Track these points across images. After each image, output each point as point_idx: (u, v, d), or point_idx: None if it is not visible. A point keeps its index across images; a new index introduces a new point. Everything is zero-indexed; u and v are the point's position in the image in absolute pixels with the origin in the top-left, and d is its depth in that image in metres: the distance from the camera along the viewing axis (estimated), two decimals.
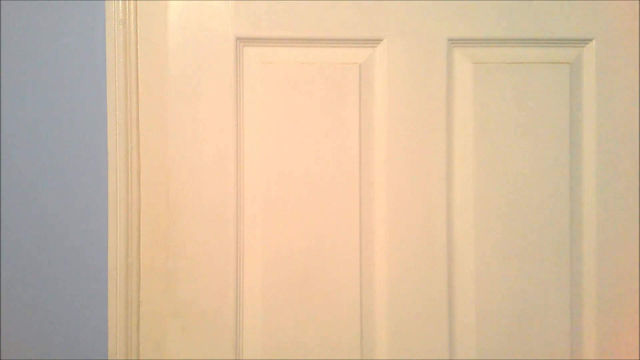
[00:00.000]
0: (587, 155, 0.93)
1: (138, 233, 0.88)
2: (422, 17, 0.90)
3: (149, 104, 0.88)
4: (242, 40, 0.88)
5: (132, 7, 0.87)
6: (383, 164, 0.90)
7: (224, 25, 0.88)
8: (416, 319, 0.90)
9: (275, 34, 0.88)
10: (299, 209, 0.89)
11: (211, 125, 0.88)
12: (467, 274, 0.91)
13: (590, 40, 0.92)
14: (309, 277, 0.89)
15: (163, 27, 0.88)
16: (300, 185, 0.89)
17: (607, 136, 0.93)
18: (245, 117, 0.88)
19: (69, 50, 0.87)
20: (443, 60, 0.91)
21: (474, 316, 0.91)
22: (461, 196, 0.91)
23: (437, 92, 0.91)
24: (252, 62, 0.89)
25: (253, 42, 0.89)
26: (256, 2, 0.88)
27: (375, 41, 0.90)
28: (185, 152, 0.87)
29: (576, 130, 0.92)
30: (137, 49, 0.87)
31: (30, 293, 0.88)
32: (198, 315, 0.88)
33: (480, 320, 0.91)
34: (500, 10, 0.91)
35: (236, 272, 0.88)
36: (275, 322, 0.89)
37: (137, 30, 0.87)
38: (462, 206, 0.91)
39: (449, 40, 0.90)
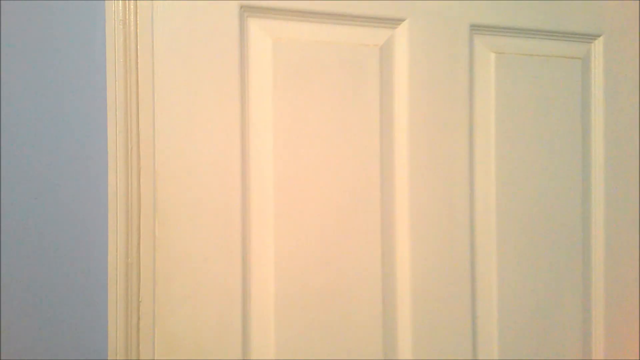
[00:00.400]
0: (595, 155, 0.93)
1: (138, 233, 0.88)
2: None
3: (149, 104, 0.88)
4: (248, 10, 0.77)
5: (132, 7, 0.87)
6: (405, 161, 0.83)
7: None
8: (440, 321, 0.87)
9: (286, 4, 0.77)
10: (313, 210, 0.80)
11: (212, 115, 0.78)
12: (489, 275, 0.89)
13: (599, 36, 0.92)
14: (327, 288, 0.81)
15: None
16: (315, 184, 0.81)
17: (613, 135, 0.92)
18: (252, 106, 0.78)
19: (68, 50, 0.87)
20: (465, 47, 0.85)
21: (496, 319, 0.89)
22: (482, 195, 0.87)
23: (459, 82, 0.85)
24: (259, 38, 0.77)
25: (260, 13, 0.77)
26: None
27: (397, 21, 0.82)
28: (184, 149, 0.80)
29: (586, 126, 0.92)
30: (137, 49, 0.87)
31: (30, 293, 0.88)
32: (199, 348, 0.80)
33: (502, 322, 0.89)
34: None
35: (242, 290, 0.78)
36: (288, 337, 0.80)
37: (137, 30, 0.87)
38: (483, 205, 0.87)
39: (471, 26, 0.86)
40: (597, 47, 0.93)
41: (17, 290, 0.88)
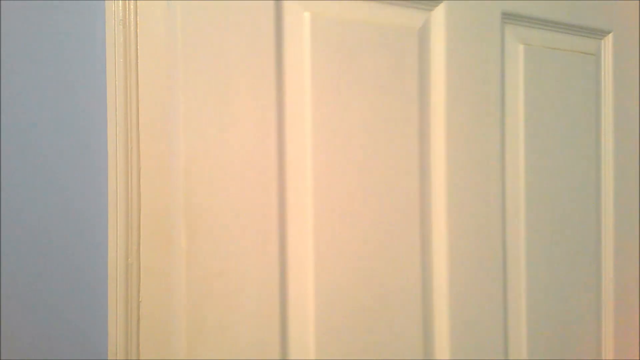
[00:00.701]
0: (605, 152, 0.93)
1: (138, 233, 0.88)
2: None
3: (150, 103, 0.87)
4: None
5: (132, 7, 0.87)
6: (442, 156, 0.79)
7: None
8: (474, 321, 0.84)
9: None
10: (353, 209, 0.74)
11: (246, 106, 0.68)
12: (519, 276, 0.88)
13: (609, 32, 0.92)
14: (367, 291, 0.75)
15: None
16: (355, 182, 0.74)
17: (621, 132, 0.92)
18: (287, 94, 0.69)
19: (68, 50, 0.87)
20: (497, 36, 0.82)
21: (525, 318, 0.89)
22: (512, 192, 0.86)
23: (492, 73, 0.81)
24: (295, 13, 0.68)
25: None
26: None
27: (434, 2, 0.77)
28: (212, 147, 0.70)
29: (598, 123, 0.92)
30: (137, 49, 0.87)
31: (30, 293, 0.88)
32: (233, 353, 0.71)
33: (531, 321, 0.89)
34: None
35: (280, 298, 0.70)
36: (329, 348, 0.72)
37: (137, 30, 0.87)
38: (514, 204, 0.86)
39: (502, 14, 0.82)
40: (607, 44, 0.93)
41: (17, 290, 0.88)
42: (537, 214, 0.88)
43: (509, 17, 0.84)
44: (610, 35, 0.92)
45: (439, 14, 0.77)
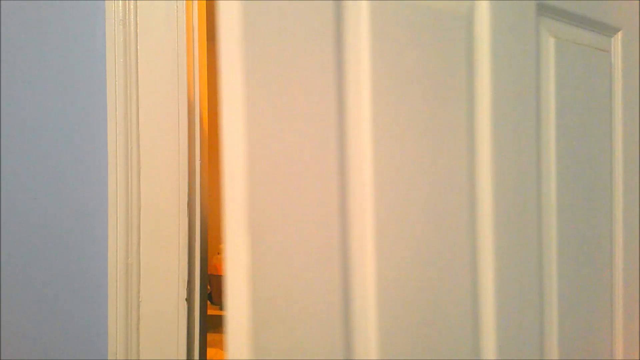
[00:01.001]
0: (615, 152, 0.92)
1: (138, 233, 0.88)
2: None
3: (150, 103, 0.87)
4: None
5: (132, 7, 0.87)
6: (487, 154, 0.73)
7: None
8: (515, 320, 0.81)
9: None
10: (411, 209, 0.68)
11: (306, 102, 0.59)
12: (550, 275, 0.87)
13: (619, 30, 0.92)
14: (425, 292, 0.70)
15: None
16: (412, 180, 0.68)
17: (630, 131, 0.91)
18: (347, 81, 0.61)
19: (68, 50, 0.87)
20: (533, 27, 0.77)
21: (557, 316, 0.88)
22: (546, 194, 0.84)
23: (529, 66, 0.76)
24: None
25: None
26: None
27: None
28: (270, 144, 0.59)
29: (610, 122, 0.91)
30: (137, 49, 0.87)
31: (30, 293, 0.88)
32: None
33: (562, 320, 0.88)
34: None
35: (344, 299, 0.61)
36: (391, 346, 0.66)
37: (137, 30, 0.87)
38: (547, 204, 0.85)
39: (537, 5, 0.78)
40: (616, 42, 0.92)
41: (17, 290, 0.88)
42: (569, 214, 0.87)
43: (542, 8, 0.78)
44: (620, 33, 0.91)
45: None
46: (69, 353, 0.88)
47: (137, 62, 0.87)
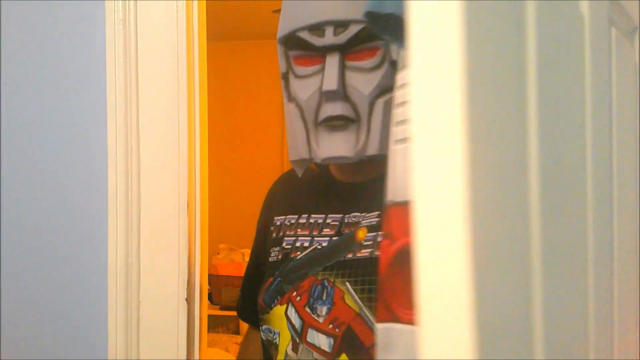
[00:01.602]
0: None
1: (138, 233, 0.88)
2: None
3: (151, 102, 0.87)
4: None
5: (132, 7, 0.87)
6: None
7: None
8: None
9: None
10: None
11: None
12: (605, 274, 0.84)
13: (636, 29, 0.91)
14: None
15: None
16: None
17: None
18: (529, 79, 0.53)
19: (68, 50, 0.87)
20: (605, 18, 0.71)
21: (610, 316, 0.86)
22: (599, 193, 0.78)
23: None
24: None
25: None
26: None
27: None
28: None
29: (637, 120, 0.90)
30: (137, 49, 0.87)
31: (30, 293, 0.88)
32: None
33: (619, 320, 0.85)
34: None
35: None
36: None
37: (137, 30, 0.87)
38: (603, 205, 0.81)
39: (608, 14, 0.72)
40: (636, 41, 0.92)
41: (17, 290, 0.88)
42: (623, 214, 0.83)
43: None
44: (637, 32, 0.90)
45: None
46: (69, 353, 0.88)
47: (137, 62, 0.87)
